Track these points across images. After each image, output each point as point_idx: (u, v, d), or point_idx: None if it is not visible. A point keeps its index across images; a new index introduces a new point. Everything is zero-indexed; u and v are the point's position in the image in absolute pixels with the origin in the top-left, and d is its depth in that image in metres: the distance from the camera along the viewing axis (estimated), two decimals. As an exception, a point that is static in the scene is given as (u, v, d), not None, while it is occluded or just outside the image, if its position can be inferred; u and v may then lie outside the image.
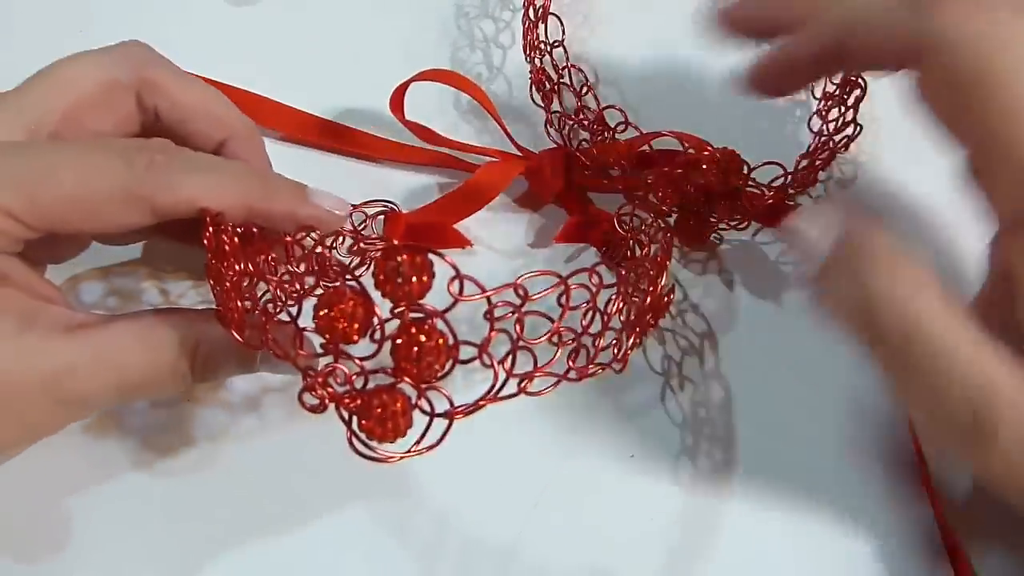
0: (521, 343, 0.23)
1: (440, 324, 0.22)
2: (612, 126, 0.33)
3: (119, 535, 0.29)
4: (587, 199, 0.35)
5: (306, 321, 0.23)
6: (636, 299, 0.27)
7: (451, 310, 0.22)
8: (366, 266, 0.23)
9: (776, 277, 0.34)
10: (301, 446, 0.30)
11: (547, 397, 0.31)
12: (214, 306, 0.26)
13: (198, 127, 0.30)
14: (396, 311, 0.22)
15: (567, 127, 0.34)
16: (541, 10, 0.36)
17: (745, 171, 0.32)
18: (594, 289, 0.24)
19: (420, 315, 0.22)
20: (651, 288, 0.28)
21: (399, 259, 0.22)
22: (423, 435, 0.23)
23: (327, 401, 0.23)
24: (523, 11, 0.36)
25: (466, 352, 0.22)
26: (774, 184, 0.32)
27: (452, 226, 0.34)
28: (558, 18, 0.36)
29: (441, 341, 0.22)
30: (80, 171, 0.25)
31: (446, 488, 0.30)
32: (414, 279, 0.22)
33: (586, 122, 0.34)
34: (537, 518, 0.30)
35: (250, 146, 0.31)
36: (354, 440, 0.23)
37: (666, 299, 0.30)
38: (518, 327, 0.23)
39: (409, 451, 0.23)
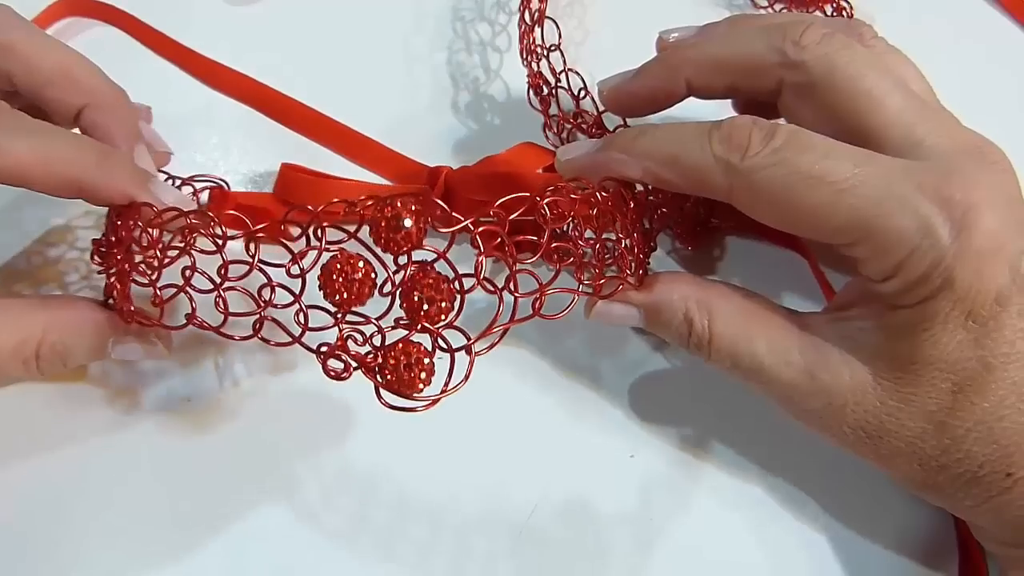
0: (518, 266, 0.23)
1: (439, 266, 0.22)
2: (611, 130, 0.33)
3: (116, 530, 0.29)
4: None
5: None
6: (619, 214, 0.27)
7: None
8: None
9: (776, 277, 0.34)
10: (305, 441, 0.31)
11: (547, 397, 0.32)
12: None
13: (55, 94, 0.29)
14: (399, 261, 0.22)
15: (565, 131, 0.34)
16: (537, 14, 0.36)
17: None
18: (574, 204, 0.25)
19: (422, 260, 0.22)
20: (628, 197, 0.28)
21: (397, 204, 0.22)
22: (449, 374, 0.23)
23: (351, 364, 0.23)
24: (519, 15, 0.37)
25: (467, 283, 0.23)
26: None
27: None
28: (554, 22, 0.36)
29: (445, 285, 0.22)
30: None
31: (445, 491, 0.30)
32: (412, 225, 0.22)
33: (584, 126, 0.34)
34: (537, 520, 0.30)
35: (111, 115, 0.29)
36: (382, 395, 0.23)
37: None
38: (509, 249, 0.23)
39: (443, 391, 0.23)
